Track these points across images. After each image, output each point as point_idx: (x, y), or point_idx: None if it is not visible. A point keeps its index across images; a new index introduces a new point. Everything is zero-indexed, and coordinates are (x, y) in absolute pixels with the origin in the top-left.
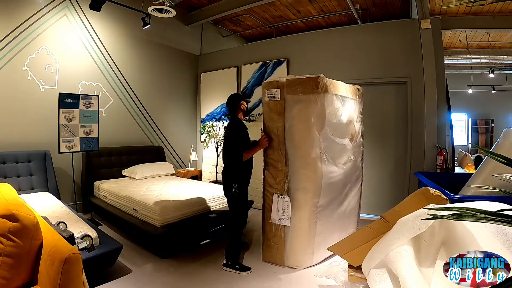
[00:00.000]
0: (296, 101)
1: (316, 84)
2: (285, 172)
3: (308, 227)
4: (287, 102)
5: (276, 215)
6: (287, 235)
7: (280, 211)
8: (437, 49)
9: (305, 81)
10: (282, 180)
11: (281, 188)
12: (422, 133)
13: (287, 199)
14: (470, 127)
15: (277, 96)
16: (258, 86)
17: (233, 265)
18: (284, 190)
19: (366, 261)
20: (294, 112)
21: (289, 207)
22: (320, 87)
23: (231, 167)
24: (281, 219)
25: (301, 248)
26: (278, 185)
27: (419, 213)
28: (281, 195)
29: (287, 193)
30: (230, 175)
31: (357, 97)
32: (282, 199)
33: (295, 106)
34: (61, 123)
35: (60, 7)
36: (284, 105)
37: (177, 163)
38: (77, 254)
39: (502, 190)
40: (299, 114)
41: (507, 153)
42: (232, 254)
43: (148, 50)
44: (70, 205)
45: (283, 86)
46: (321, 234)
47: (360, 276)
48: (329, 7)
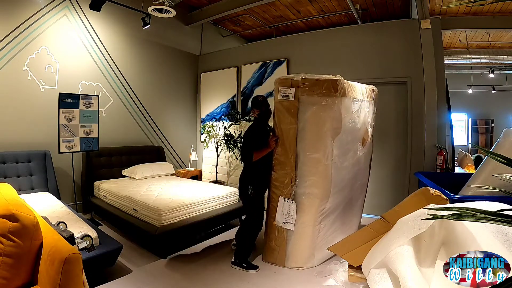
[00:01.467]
0: (311, 103)
1: (334, 86)
2: (294, 176)
3: (311, 232)
4: (301, 103)
5: (281, 218)
6: (289, 238)
7: (285, 215)
8: (437, 49)
9: (322, 82)
10: (289, 184)
11: (287, 192)
12: (422, 133)
13: (293, 204)
14: (470, 127)
15: (291, 96)
16: (258, 86)
17: (241, 263)
18: (290, 194)
19: (366, 261)
20: (308, 114)
21: (294, 212)
22: (338, 90)
23: (247, 169)
24: (285, 222)
25: (302, 251)
26: (285, 189)
27: (419, 213)
28: (287, 199)
29: (294, 198)
30: (247, 176)
31: (372, 98)
32: (288, 203)
33: (309, 108)
34: (61, 123)
35: (60, 7)
36: (298, 106)
37: (177, 163)
38: (77, 254)
39: (502, 190)
40: (314, 117)
41: (507, 153)
42: (243, 254)
43: (148, 50)
44: (70, 205)
45: (298, 85)
46: (323, 236)
47: (360, 276)
48: (329, 7)
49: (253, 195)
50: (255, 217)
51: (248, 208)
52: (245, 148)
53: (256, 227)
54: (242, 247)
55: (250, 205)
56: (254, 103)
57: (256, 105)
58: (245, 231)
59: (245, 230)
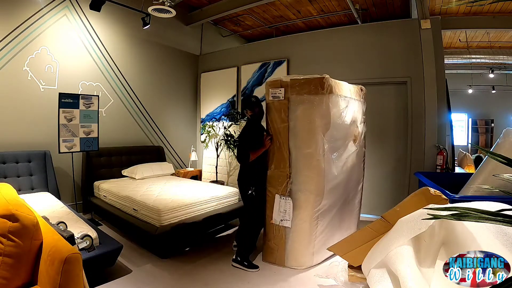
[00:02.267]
0: (300, 101)
1: (321, 84)
2: (288, 173)
3: (309, 228)
4: (291, 102)
5: (278, 216)
6: (288, 236)
7: (282, 212)
8: (437, 49)
9: (310, 81)
10: (284, 181)
11: (283, 189)
12: (422, 133)
13: (289, 200)
14: (470, 127)
15: (281, 96)
16: (258, 86)
17: (242, 261)
18: (286, 191)
19: (366, 261)
20: (298, 113)
21: (291, 209)
22: (325, 88)
23: (245, 169)
24: (283, 220)
25: (301, 249)
26: (280, 186)
27: (419, 213)
28: (283, 196)
29: (289, 194)
30: (245, 177)
31: (360, 97)
32: (284, 200)
33: (299, 107)
34: (61, 123)
35: (60, 7)
36: (288, 105)
37: (177, 163)
38: (77, 254)
39: (502, 190)
40: (304, 115)
41: (507, 153)
42: (244, 253)
43: (148, 50)
44: (70, 205)
45: (287, 85)
46: (322, 235)
47: (360, 276)
48: (329, 7)
49: (254, 195)
50: (255, 217)
51: (249, 208)
52: (241, 149)
53: (257, 226)
54: (243, 246)
55: (251, 205)
56: (246, 103)
57: (248, 105)
58: (246, 230)
59: (245, 229)
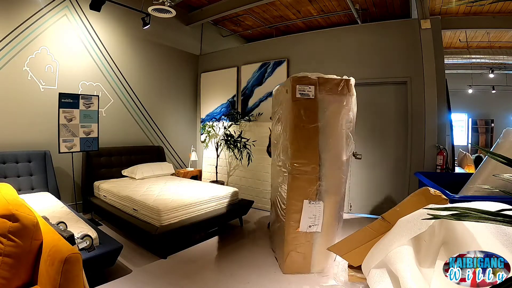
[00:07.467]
0: (329, 101)
1: (348, 86)
2: (318, 175)
3: (335, 229)
4: (319, 101)
5: (306, 222)
6: (315, 241)
7: (311, 218)
8: (437, 49)
9: (339, 82)
10: (314, 184)
11: (312, 193)
12: (422, 133)
13: (320, 204)
14: (470, 127)
15: (311, 94)
16: (258, 86)
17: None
18: (315, 195)
19: (366, 261)
20: (328, 112)
21: (321, 212)
22: (350, 90)
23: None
24: (311, 225)
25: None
26: (309, 190)
27: (419, 213)
28: (312, 201)
29: (319, 198)
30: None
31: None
32: (313, 205)
33: (328, 106)
34: (61, 123)
35: (60, 7)
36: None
37: (177, 163)
38: (77, 254)
39: (502, 190)
40: (333, 115)
41: (507, 153)
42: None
43: (148, 50)
44: (70, 205)
45: (316, 83)
46: (339, 234)
47: (360, 276)
48: (329, 7)
49: None
50: None
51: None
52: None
53: None
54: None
55: None
56: None
57: None
58: None
59: None
